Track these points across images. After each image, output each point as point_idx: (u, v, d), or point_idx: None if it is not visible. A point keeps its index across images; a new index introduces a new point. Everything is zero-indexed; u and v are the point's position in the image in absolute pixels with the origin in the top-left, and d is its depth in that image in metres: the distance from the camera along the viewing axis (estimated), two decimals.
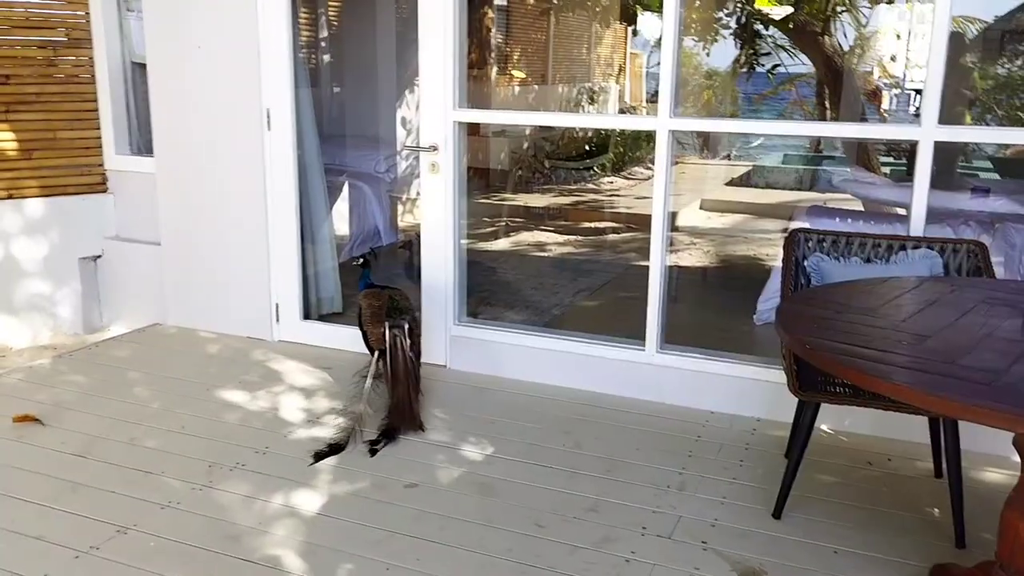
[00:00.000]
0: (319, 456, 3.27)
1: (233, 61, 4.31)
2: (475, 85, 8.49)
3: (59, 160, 5.02)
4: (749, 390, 3.70)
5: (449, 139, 3.99)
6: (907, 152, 8.50)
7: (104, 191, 5.21)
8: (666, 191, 3.74)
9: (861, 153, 7.87)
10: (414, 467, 3.21)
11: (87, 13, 4.93)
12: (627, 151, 11.76)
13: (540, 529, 2.78)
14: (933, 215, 4.44)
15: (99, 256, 5.23)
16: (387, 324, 3.64)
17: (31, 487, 3.02)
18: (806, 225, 5.19)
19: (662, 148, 3.66)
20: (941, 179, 3.24)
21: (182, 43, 4.40)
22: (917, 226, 3.34)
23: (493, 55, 9.67)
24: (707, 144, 13.33)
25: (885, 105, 9.54)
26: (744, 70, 10.96)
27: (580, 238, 7.80)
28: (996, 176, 8.84)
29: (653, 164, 3.70)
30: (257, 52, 4.24)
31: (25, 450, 3.31)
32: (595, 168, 11.04)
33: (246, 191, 4.44)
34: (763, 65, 11.29)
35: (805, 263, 3.17)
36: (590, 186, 10.56)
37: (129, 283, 5.16)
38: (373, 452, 3.32)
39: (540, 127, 10.18)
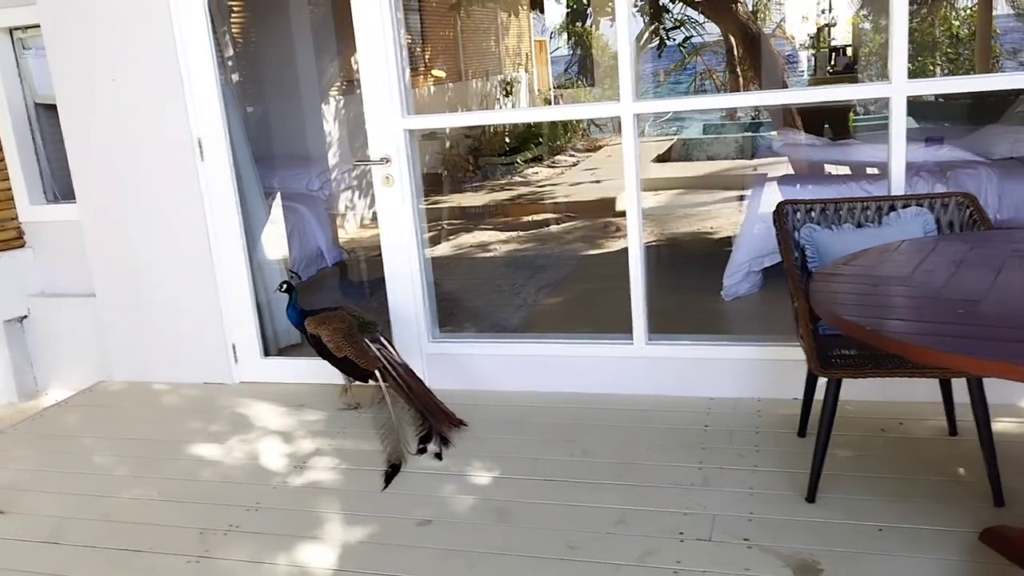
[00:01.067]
0: (388, 478, 3.16)
1: (154, 90, 3.99)
2: None
3: None
4: (745, 371, 3.60)
5: (401, 149, 3.78)
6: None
7: (22, 246, 4.83)
8: (637, 176, 3.61)
9: (787, 115, 7.91)
10: (421, 501, 3.00)
11: None
12: (547, 141, 11.65)
13: (573, 551, 2.61)
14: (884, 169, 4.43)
15: (25, 316, 4.84)
16: (367, 341, 3.54)
17: None
18: (765, 195, 5.17)
19: (628, 133, 3.52)
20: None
21: (94, 77, 4.05)
22: (898, 184, 3.28)
23: (405, 56, 9.42)
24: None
25: (802, 67, 9.65)
26: (654, 45, 10.98)
27: (523, 233, 7.63)
28: (912, 123, 9.04)
29: (575, 152, 3.58)
30: (179, 78, 3.94)
31: None
32: (518, 160, 10.89)
33: (185, 228, 4.13)
34: (673, 39, 11.33)
35: (797, 235, 3.08)
36: (518, 179, 10.40)
37: (62, 341, 4.80)
38: (439, 456, 3.30)
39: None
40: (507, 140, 10.96)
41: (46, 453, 3.69)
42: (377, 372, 3.54)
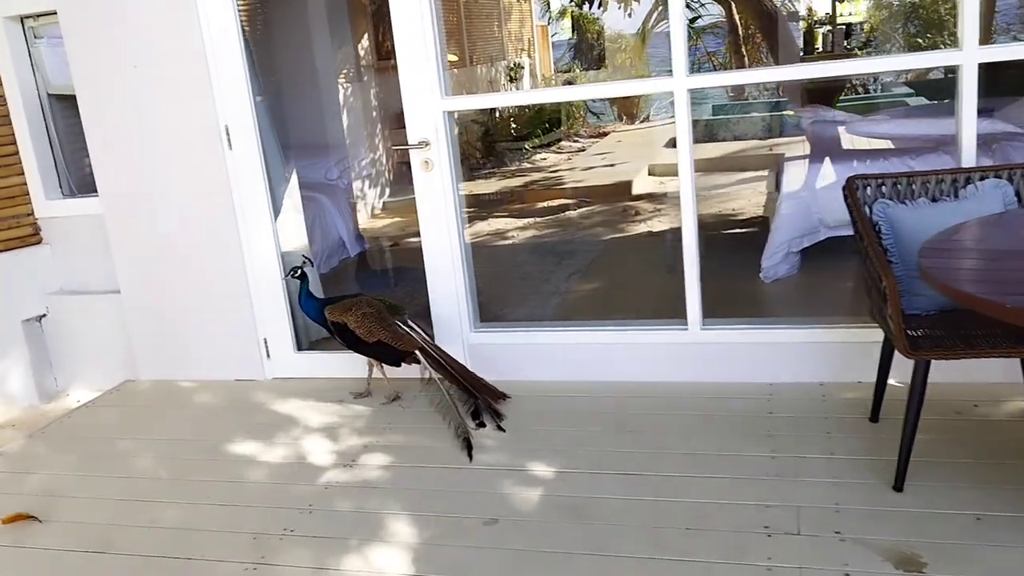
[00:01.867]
0: (469, 450, 3.17)
1: (178, 76, 3.83)
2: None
3: None
4: (804, 354, 3.47)
5: (441, 131, 3.62)
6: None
7: (38, 242, 4.65)
8: (690, 153, 3.47)
9: (804, 93, 7.79)
10: (483, 499, 2.86)
11: None
12: (554, 127, 11.49)
13: (660, 549, 2.47)
14: (934, 143, 4.30)
15: (43, 315, 4.68)
16: (399, 324, 3.53)
17: None
18: (795, 175, 5.03)
19: (682, 107, 3.38)
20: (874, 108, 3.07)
21: (114, 65, 3.89)
22: (969, 156, 3.15)
23: (443, 35, 9.25)
24: (625, 110, 13.19)
25: (817, 44, 9.51)
26: (662, 29, 10.84)
27: (540, 219, 7.48)
28: (923, 99, 8.92)
29: (579, 137, 3.44)
30: (205, 63, 3.78)
31: (28, 557, 2.82)
32: (526, 147, 10.73)
33: (213, 219, 3.97)
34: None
35: (868, 211, 2.95)
36: (526, 165, 10.24)
37: (83, 340, 4.64)
38: (501, 428, 3.34)
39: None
40: (513, 126, 10.80)
41: (80, 457, 3.54)
42: (417, 352, 3.47)
